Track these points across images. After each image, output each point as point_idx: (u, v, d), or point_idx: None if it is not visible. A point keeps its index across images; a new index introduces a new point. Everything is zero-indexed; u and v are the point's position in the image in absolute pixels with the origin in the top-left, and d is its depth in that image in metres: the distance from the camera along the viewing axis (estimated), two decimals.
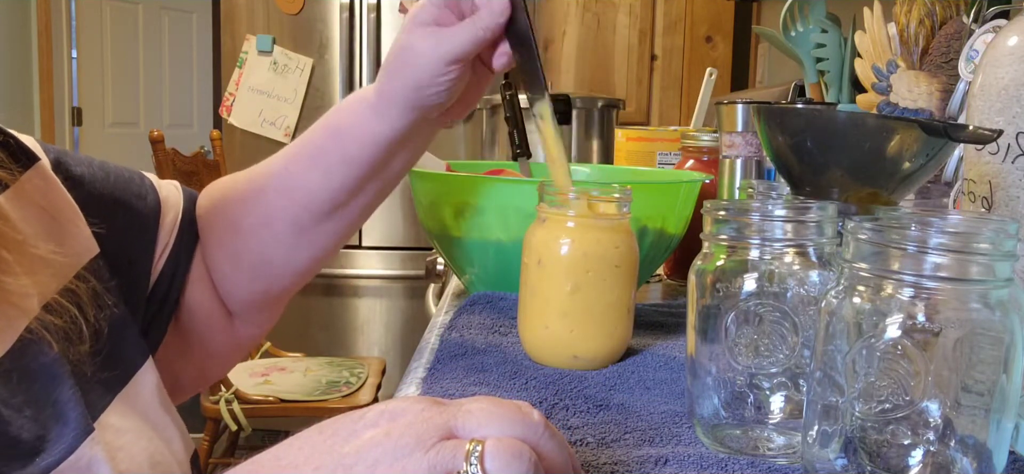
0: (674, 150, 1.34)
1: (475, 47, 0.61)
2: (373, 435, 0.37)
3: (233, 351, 0.76)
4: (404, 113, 0.63)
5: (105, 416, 0.53)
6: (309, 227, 0.68)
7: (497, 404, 0.38)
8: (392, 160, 0.67)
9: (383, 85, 0.63)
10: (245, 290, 0.71)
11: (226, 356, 0.76)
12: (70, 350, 0.52)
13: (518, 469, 0.35)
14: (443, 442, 0.36)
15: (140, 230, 0.66)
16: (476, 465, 0.35)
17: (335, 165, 0.66)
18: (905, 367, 0.39)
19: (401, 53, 0.62)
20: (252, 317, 0.74)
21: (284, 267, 0.71)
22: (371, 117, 0.63)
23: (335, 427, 0.39)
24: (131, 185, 0.66)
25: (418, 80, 0.61)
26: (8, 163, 0.54)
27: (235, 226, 0.69)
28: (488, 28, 0.60)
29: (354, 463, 0.36)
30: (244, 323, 0.74)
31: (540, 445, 0.37)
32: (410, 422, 0.37)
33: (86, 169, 0.63)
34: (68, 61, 3.81)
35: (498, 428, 0.37)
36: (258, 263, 0.70)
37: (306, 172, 0.67)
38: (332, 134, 0.66)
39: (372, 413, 0.38)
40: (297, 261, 0.70)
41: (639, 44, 3.27)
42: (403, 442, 0.36)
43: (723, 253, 0.50)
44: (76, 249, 0.57)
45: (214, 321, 0.72)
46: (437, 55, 0.60)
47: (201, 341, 0.71)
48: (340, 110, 0.67)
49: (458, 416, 0.37)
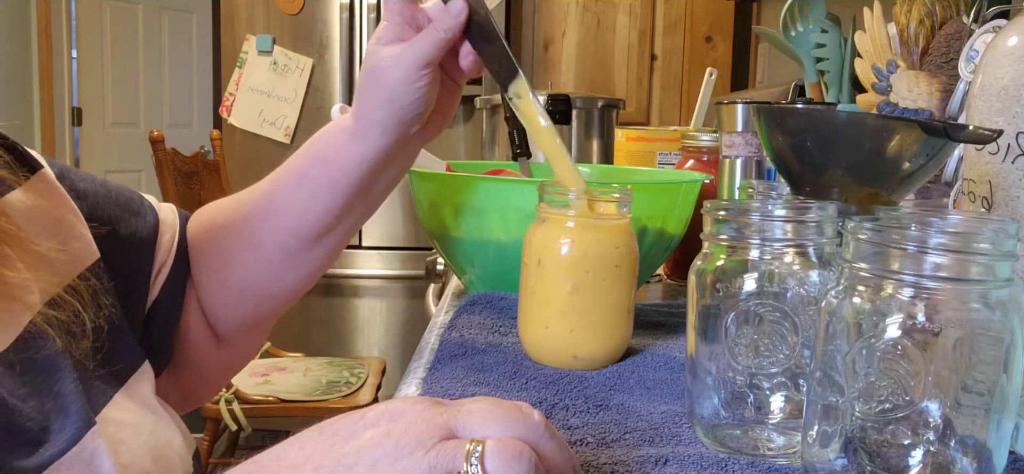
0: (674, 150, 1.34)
1: (439, 50, 0.62)
2: (373, 435, 0.37)
3: (220, 374, 0.77)
4: (383, 132, 0.64)
5: (107, 410, 0.53)
6: (296, 252, 0.69)
7: (498, 405, 0.38)
8: (376, 182, 0.68)
9: (359, 108, 0.65)
10: (233, 314, 0.72)
11: (213, 379, 0.76)
12: (72, 345, 0.53)
13: (518, 469, 0.35)
14: (443, 442, 0.36)
15: (138, 246, 0.66)
16: (476, 465, 0.35)
17: (321, 191, 0.67)
18: (905, 367, 0.39)
19: (371, 74, 0.63)
20: (240, 340, 0.75)
21: (271, 291, 0.72)
22: (351, 142, 0.65)
23: (335, 427, 0.39)
24: (131, 204, 0.67)
25: (392, 95, 0.62)
26: (14, 167, 0.55)
27: (222, 251, 0.70)
28: (449, 29, 0.62)
29: (354, 463, 0.36)
30: (232, 346, 0.75)
31: (540, 445, 0.37)
32: (410, 422, 0.37)
33: (89, 185, 0.64)
34: (68, 61, 3.81)
35: (499, 428, 0.37)
36: (246, 287, 0.71)
37: (292, 198, 0.68)
38: (316, 160, 0.67)
39: (372, 413, 0.38)
40: (284, 285, 0.71)
41: (639, 44, 3.27)
42: (403, 442, 0.36)
43: (723, 253, 0.50)
44: (78, 251, 0.58)
45: (203, 345, 0.72)
46: (405, 65, 0.62)
47: (190, 364, 0.72)
48: (321, 137, 0.68)
49: (459, 416, 0.37)
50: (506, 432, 0.37)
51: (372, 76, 0.63)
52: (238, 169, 3.01)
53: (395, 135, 0.65)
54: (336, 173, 0.66)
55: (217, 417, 2.16)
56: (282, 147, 3.06)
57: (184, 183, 2.29)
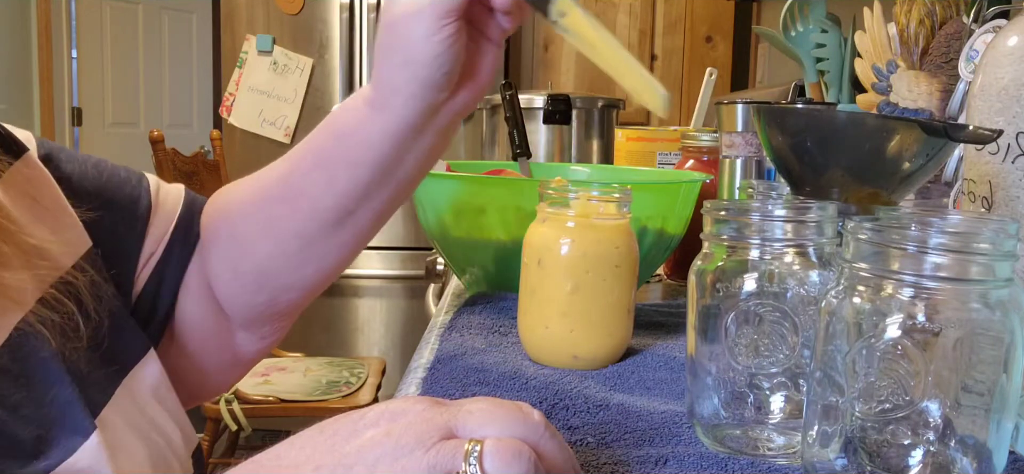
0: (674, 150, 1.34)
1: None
2: (374, 435, 0.37)
3: (232, 367, 0.72)
4: (407, 100, 0.56)
5: (105, 413, 0.52)
6: (315, 238, 0.63)
7: (498, 405, 0.38)
8: (402, 159, 0.60)
9: (378, 73, 0.57)
10: (247, 302, 0.67)
11: (224, 372, 0.72)
12: (67, 346, 0.51)
13: (517, 469, 0.35)
14: (443, 442, 0.36)
15: (124, 234, 0.63)
16: (475, 465, 0.35)
17: (340, 170, 0.60)
18: (905, 367, 0.39)
19: (387, 31, 0.55)
20: (255, 330, 0.70)
21: (289, 280, 0.65)
22: (372, 112, 0.57)
23: (336, 427, 0.39)
24: (124, 186, 0.64)
25: (412, 53, 0.54)
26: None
27: (236, 235, 0.65)
28: None
29: (354, 462, 0.36)
30: (246, 337, 0.70)
31: (540, 445, 0.37)
32: (411, 422, 0.37)
33: (77, 166, 0.61)
34: (68, 61, 3.81)
35: (498, 428, 0.37)
36: (262, 277, 0.65)
37: (309, 179, 0.61)
38: (334, 136, 0.60)
39: (373, 413, 0.38)
40: (304, 276, 0.65)
41: (639, 44, 3.27)
42: (403, 442, 0.36)
43: (723, 253, 0.50)
44: (70, 239, 0.56)
45: (211, 335, 0.68)
46: (425, 17, 0.52)
47: (195, 355, 0.68)
48: (341, 110, 0.61)
49: (458, 416, 0.37)
50: (506, 431, 0.37)
51: (389, 33, 0.54)
52: (238, 169, 3.00)
53: (420, 102, 0.55)
54: (355, 149, 0.59)
55: (217, 417, 2.16)
56: (282, 147, 3.06)
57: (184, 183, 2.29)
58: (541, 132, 1.93)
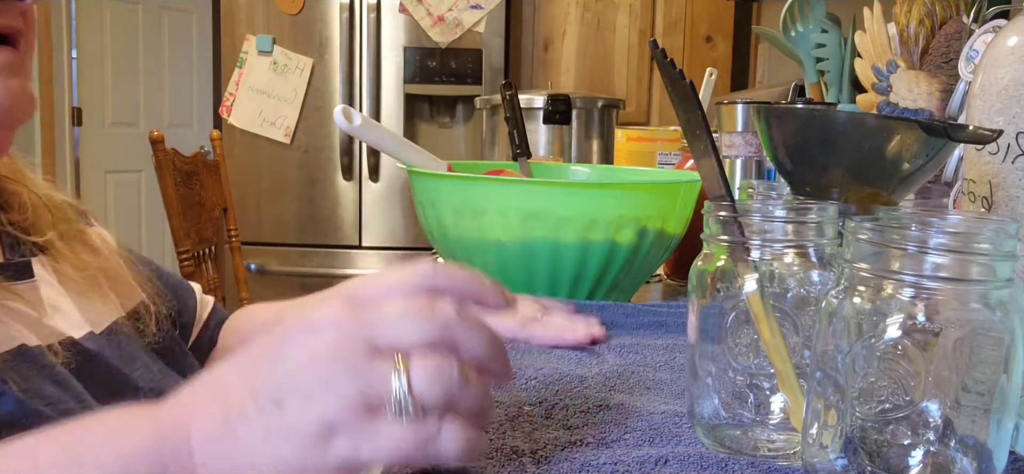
0: (674, 150, 1.34)
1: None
2: (298, 359, 0.38)
3: None
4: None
5: None
6: None
7: (409, 304, 0.39)
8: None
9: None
10: None
11: None
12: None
13: (442, 385, 0.37)
14: (370, 365, 0.37)
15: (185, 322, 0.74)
16: (404, 387, 0.37)
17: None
18: (905, 367, 0.39)
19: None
20: None
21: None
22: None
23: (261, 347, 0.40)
24: (181, 287, 0.76)
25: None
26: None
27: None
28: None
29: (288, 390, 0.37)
30: None
31: (457, 339, 0.39)
32: (333, 344, 0.37)
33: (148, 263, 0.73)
34: (68, 61, 3.80)
35: (414, 331, 0.38)
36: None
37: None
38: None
39: (297, 333, 0.39)
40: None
41: (639, 44, 3.27)
42: (332, 368, 0.37)
43: (723, 253, 0.50)
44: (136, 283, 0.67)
45: None
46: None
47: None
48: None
49: (375, 326, 0.38)
50: (422, 334, 0.38)
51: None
52: (238, 169, 3.01)
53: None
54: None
55: None
56: (282, 147, 3.06)
57: (184, 183, 2.28)
58: (541, 132, 1.93)
